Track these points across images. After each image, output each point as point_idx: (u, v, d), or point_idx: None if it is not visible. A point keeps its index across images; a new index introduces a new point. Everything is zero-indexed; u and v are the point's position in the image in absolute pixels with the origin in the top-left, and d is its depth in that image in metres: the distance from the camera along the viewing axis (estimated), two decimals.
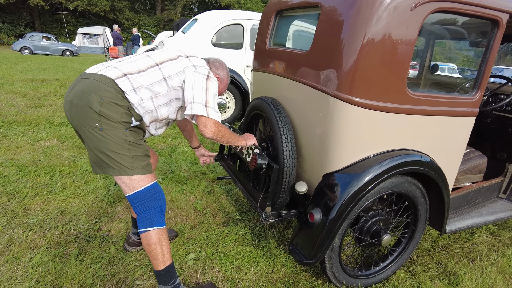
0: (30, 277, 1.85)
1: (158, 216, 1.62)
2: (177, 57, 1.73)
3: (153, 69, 1.63)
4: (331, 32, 1.66)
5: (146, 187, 1.59)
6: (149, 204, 1.60)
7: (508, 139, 2.68)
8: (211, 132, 1.61)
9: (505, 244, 2.53)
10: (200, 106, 1.60)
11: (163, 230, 1.64)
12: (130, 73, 1.57)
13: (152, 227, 1.60)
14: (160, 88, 1.63)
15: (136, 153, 1.57)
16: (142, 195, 1.59)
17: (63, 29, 30.09)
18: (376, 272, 1.99)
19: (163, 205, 1.66)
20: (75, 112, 1.51)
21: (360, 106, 1.59)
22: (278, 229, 2.48)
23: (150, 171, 1.63)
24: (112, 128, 1.50)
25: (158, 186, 1.65)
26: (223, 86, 1.98)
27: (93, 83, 1.50)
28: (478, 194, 2.45)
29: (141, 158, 1.59)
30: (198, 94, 1.62)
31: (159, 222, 1.62)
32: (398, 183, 1.78)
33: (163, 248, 1.62)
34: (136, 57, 1.68)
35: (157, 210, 1.62)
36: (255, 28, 5.16)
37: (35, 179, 2.98)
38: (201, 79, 1.67)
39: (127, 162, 1.54)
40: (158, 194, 1.64)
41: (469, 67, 6.76)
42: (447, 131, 1.87)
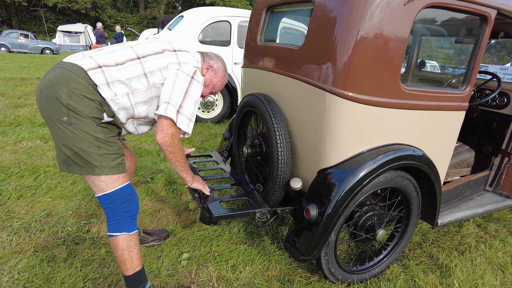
0: (16, 283, 1.77)
1: (127, 221, 1.52)
2: (162, 50, 1.57)
3: (133, 62, 1.49)
4: (325, 27, 1.65)
5: (116, 190, 1.48)
6: (119, 208, 1.50)
7: (493, 134, 2.75)
8: (163, 139, 1.49)
9: (492, 235, 2.60)
10: (173, 109, 1.48)
11: (132, 236, 1.54)
12: (105, 65, 1.44)
13: (119, 233, 1.51)
14: (138, 84, 1.50)
15: (107, 151, 1.45)
16: (112, 198, 1.48)
17: (42, 26, 29.20)
18: (371, 267, 2.00)
19: (134, 209, 1.55)
20: (43, 103, 1.40)
21: (355, 101, 1.59)
22: (272, 226, 2.47)
23: (122, 170, 1.51)
24: (81, 123, 1.39)
25: (130, 188, 1.54)
26: (219, 78, 1.82)
27: (64, 73, 1.39)
28: (466, 188, 2.50)
29: (111, 156, 1.47)
30: (175, 95, 1.50)
31: (128, 227, 1.53)
32: (391, 177, 1.79)
33: (132, 254, 1.53)
34: (117, 47, 1.54)
35: (127, 214, 1.52)
36: (242, 25, 5.12)
37: (18, 180, 2.87)
38: (183, 79, 1.54)
39: (95, 161, 1.42)
40: (129, 198, 1.53)
41: (454, 64, 6.94)
42: (439, 125, 1.89)
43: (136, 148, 3.96)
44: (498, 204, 2.48)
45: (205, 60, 1.76)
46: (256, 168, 2.25)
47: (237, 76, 5.22)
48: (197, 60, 1.68)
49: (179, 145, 1.56)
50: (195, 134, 4.66)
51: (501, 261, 2.27)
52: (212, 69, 1.78)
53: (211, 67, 1.77)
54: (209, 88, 1.83)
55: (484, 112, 2.76)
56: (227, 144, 2.69)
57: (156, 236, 2.17)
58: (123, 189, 1.51)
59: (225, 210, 1.78)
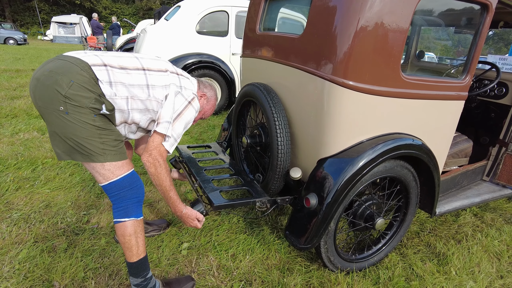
0: (17, 273, 1.78)
1: (135, 206, 1.53)
2: (166, 70, 1.65)
3: (138, 71, 1.54)
4: (325, 16, 1.64)
5: (122, 177, 1.49)
6: (126, 194, 1.51)
7: (491, 124, 2.76)
8: (150, 157, 1.56)
9: (488, 224, 2.63)
10: (166, 125, 1.57)
11: (140, 222, 1.55)
12: (110, 66, 1.46)
13: (128, 218, 1.52)
14: (140, 93, 1.54)
15: (107, 138, 1.46)
16: (118, 185, 1.49)
17: (36, 17, 28.79)
18: (370, 256, 2.02)
19: (141, 195, 1.57)
20: (40, 91, 1.37)
21: (355, 90, 1.59)
22: (271, 216, 2.48)
23: (125, 157, 1.52)
24: (79, 113, 1.37)
25: (135, 175, 1.55)
26: (210, 106, 1.95)
27: (65, 64, 1.38)
28: (464, 177, 2.52)
29: (112, 143, 1.47)
30: (169, 115, 1.59)
31: (136, 213, 1.54)
32: (391, 167, 1.80)
33: (138, 240, 1.54)
34: (123, 54, 1.57)
35: (134, 200, 1.53)
36: (240, 15, 5.07)
37: (16, 172, 2.86)
38: (181, 103, 1.65)
39: (98, 149, 1.42)
40: (136, 184, 1.54)
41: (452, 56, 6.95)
42: (438, 114, 1.90)
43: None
44: (495, 194, 2.51)
45: (200, 88, 1.87)
46: (256, 158, 2.25)
47: (235, 67, 5.19)
48: (193, 92, 1.76)
49: (165, 168, 1.61)
50: (193, 126, 4.65)
51: (497, 249, 2.30)
52: (205, 97, 1.89)
53: (204, 95, 1.88)
54: (200, 114, 1.94)
55: (483, 102, 2.77)
56: (226, 135, 2.68)
57: (156, 226, 2.18)
58: (128, 176, 1.51)
59: (225, 199, 1.79)
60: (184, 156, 2.31)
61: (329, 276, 1.92)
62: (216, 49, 5.04)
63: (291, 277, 1.89)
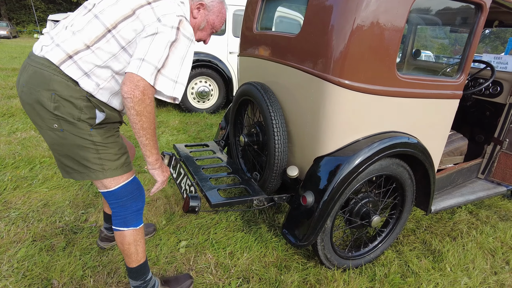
0: (16, 272, 1.79)
1: (134, 215, 1.47)
2: (132, 11, 1.25)
3: (104, 39, 1.23)
4: (321, 16, 1.65)
5: (121, 186, 1.40)
6: (125, 204, 1.44)
7: (486, 122, 2.79)
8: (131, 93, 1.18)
9: (483, 222, 2.66)
10: (150, 68, 1.19)
11: (139, 230, 1.51)
12: (75, 52, 1.22)
13: (127, 228, 1.47)
14: (119, 64, 1.27)
15: (107, 153, 1.34)
16: (117, 194, 1.41)
17: (32, 15, 28.62)
18: (366, 253, 2.04)
19: (141, 203, 1.50)
20: (28, 111, 1.27)
21: (351, 89, 1.61)
22: (268, 214, 2.50)
23: (127, 170, 1.42)
24: (74, 129, 1.26)
25: (135, 183, 1.47)
26: (215, 15, 1.52)
27: (37, 74, 1.22)
28: (459, 175, 2.54)
29: (113, 157, 1.36)
30: (154, 52, 1.20)
31: (135, 222, 1.48)
32: (387, 165, 1.82)
33: (138, 248, 1.51)
34: (81, 21, 1.27)
35: (133, 209, 1.46)
36: (237, 13, 5.07)
37: (14, 171, 2.86)
38: (166, 33, 1.23)
39: (96, 165, 1.33)
40: (136, 193, 1.46)
41: (449, 54, 6.99)
42: (433, 113, 1.92)
43: (131, 138, 3.95)
44: (490, 191, 2.54)
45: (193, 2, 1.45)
46: (253, 156, 2.27)
47: (233, 65, 5.19)
48: (182, 1, 1.37)
49: (150, 108, 1.25)
50: (191, 125, 4.65)
51: (491, 246, 2.33)
52: (203, 7, 1.47)
53: (202, 5, 1.46)
54: (208, 30, 1.56)
55: (478, 100, 2.80)
56: (223, 134, 2.70)
57: None
58: (127, 185, 1.43)
59: (222, 198, 1.80)
60: (181, 155, 2.32)
61: (326, 273, 1.94)
62: (213, 47, 5.04)
63: (288, 274, 1.91)
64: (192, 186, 1.86)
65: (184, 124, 4.64)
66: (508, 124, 2.51)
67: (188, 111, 5.18)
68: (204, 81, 5.16)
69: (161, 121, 4.74)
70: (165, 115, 5.05)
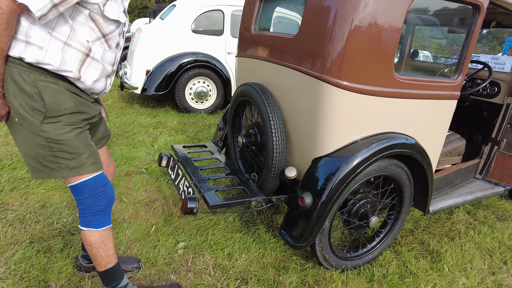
0: (13, 274, 1.78)
1: (95, 216, 1.39)
2: None
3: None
4: (319, 17, 1.65)
5: (82, 182, 1.33)
6: (85, 201, 1.37)
7: (484, 122, 2.80)
8: None
9: (481, 222, 2.66)
10: None
11: (102, 233, 1.42)
12: None
13: (86, 228, 1.40)
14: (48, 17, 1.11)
15: (62, 150, 1.24)
16: (77, 190, 1.34)
17: None
18: (364, 253, 2.05)
19: (104, 203, 1.40)
20: None
21: (349, 90, 1.61)
22: (267, 215, 2.50)
23: (88, 171, 1.33)
24: (27, 123, 1.18)
25: (99, 181, 1.38)
26: None
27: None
28: (457, 176, 2.55)
29: (69, 156, 1.26)
30: None
31: (96, 222, 1.40)
32: (385, 166, 1.82)
33: (100, 251, 1.43)
34: None
35: (95, 209, 1.38)
36: (235, 14, 5.07)
37: (11, 172, 2.85)
38: None
39: (52, 163, 1.25)
40: (98, 191, 1.37)
41: (447, 54, 7.02)
42: (431, 114, 1.92)
43: (129, 139, 3.94)
44: (487, 191, 2.55)
45: None
46: (251, 157, 2.27)
47: (231, 66, 5.19)
48: None
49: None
50: (189, 125, 4.65)
51: (489, 246, 2.34)
52: None
53: None
54: None
55: (475, 101, 2.80)
56: (221, 134, 2.69)
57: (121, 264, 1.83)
58: (89, 182, 1.34)
59: (221, 199, 1.80)
60: (179, 156, 2.32)
61: (324, 274, 1.94)
62: (211, 48, 5.04)
63: (286, 275, 1.91)
64: (190, 187, 1.86)
65: (182, 125, 4.63)
66: (506, 125, 2.52)
67: (186, 112, 5.18)
68: (202, 82, 5.15)
69: (159, 122, 4.73)
70: (163, 115, 5.04)
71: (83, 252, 1.79)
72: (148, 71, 4.87)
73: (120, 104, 5.56)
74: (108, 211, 1.44)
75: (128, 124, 4.50)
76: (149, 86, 4.83)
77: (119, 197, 2.60)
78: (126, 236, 2.13)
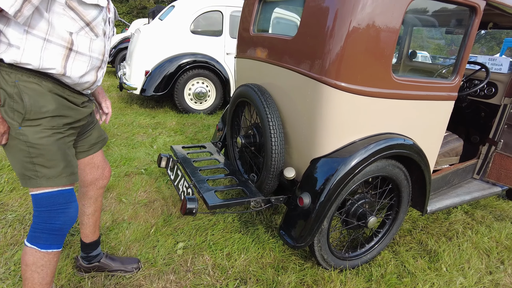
0: (13, 274, 1.78)
1: (45, 234, 1.24)
2: None
3: None
4: (317, 18, 1.66)
5: (42, 193, 1.21)
6: (40, 214, 1.23)
7: (481, 123, 2.82)
8: None
9: (478, 222, 2.68)
10: None
11: (45, 255, 1.25)
12: None
13: (30, 245, 1.25)
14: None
15: (40, 157, 1.16)
16: (37, 201, 1.22)
17: None
18: (362, 253, 2.06)
19: (60, 224, 1.24)
20: None
21: (347, 91, 1.62)
22: (266, 215, 2.51)
23: (65, 182, 1.23)
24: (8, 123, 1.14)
25: (63, 196, 1.24)
26: None
27: None
28: (455, 176, 2.56)
29: (48, 163, 1.18)
30: None
31: (44, 242, 1.24)
32: (382, 166, 1.83)
33: (35, 275, 1.25)
34: None
35: (47, 226, 1.23)
36: (234, 15, 5.08)
37: (11, 173, 2.85)
38: None
39: (30, 172, 1.17)
40: (57, 207, 1.23)
41: (445, 54, 7.05)
42: (429, 114, 1.94)
43: (128, 139, 3.95)
44: (485, 191, 2.56)
45: None
46: (250, 158, 2.28)
47: (230, 66, 5.20)
48: None
49: None
50: (188, 126, 4.66)
51: (486, 245, 2.35)
52: None
53: None
54: None
55: (473, 102, 2.82)
56: (220, 135, 2.71)
57: (121, 265, 1.84)
58: (53, 194, 1.22)
59: (220, 199, 1.81)
60: (179, 156, 2.32)
61: (323, 274, 1.95)
62: (210, 48, 5.05)
63: (285, 275, 1.92)
64: (189, 188, 1.87)
65: (181, 125, 4.64)
66: (503, 125, 2.53)
67: (185, 112, 5.18)
68: (201, 82, 5.16)
69: (158, 122, 4.74)
70: (162, 116, 5.05)
71: (82, 253, 1.79)
72: (147, 71, 4.88)
73: (119, 104, 5.56)
74: (61, 233, 1.28)
75: (127, 125, 4.51)
76: (148, 86, 4.84)
77: (118, 198, 2.61)
78: (125, 237, 2.14)
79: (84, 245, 1.76)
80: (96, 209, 1.71)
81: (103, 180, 1.66)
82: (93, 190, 1.65)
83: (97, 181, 1.64)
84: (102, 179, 1.65)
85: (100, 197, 1.71)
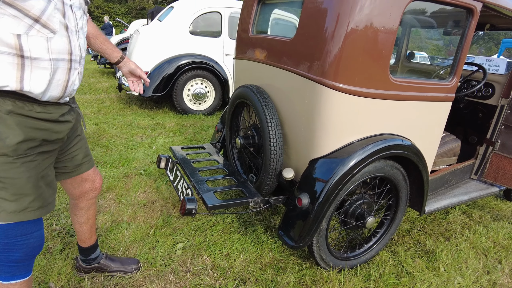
0: None
1: (5, 267, 1.12)
2: None
3: None
4: (316, 19, 1.68)
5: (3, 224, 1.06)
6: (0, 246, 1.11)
7: (479, 124, 2.83)
8: None
9: (476, 222, 2.70)
10: None
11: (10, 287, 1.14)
12: None
13: None
14: None
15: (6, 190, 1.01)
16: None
17: None
18: (361, 254, 2.07)
19: (19, 256, 1.11)
20: None
21: (345, 92, 1.63)
22: (264, 215, 2.52)
23: (34, 216, 1.09)
24: None
25: (26, 227, 1.09)
26: None
27: None
28: (453, 176, 2.58)
29: (14, 197, 1.03)
30: None
31: (5, 274, 1.12)
32: (381, 167, 1.84)
33: None
34: None
35: (6, 258, 1.10)
36: (233, 16, 5.10)
37: None
38: None
39: None
40: (16, 240, 1.08)
41: (444, 55, 7.07)
42: (426, 115, 1.95)
43: (128, 140, 3.95)
44: (483, 192, 2.58)
45: None
46: (249, 159, 2.29)
47: (229, 67, 5.22)
48: None
49: None
50: (187, 126, 4.66)
51: (484, 245, 2.37)
52: None
53: None
54: None
55: (470, 102, 2.84)
56: (219, 136, 2.72)
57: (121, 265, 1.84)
58: (10, 226, 1.06)
59: (219, 200, 1.82)
60: (178, 157, 2.33)
61: (322, 274, 1.96)
62: (209, 49, 5.06)
63: (284, 275, 1.93)
64: (188, 188, 1.88)
65: (180, 126, 4.65)
66: (500, 126, 2.55)
67: (184, 113, 5.19)
68: (200, 83, 5.18)
69: (157, 123, 4.74)
70: (161, 117, 5.06)
71: (81, 256, 1.78)
72: (146, 72, 4.88)
73: (118, 105, 5.57)
74: (23, 264, 1.15)
75: (126, 126, 4.51)
76: (147, 87, 4.85)
77: (117, 199, 2.62)
78: (125, 237, 2.15)
79: (82, 249, 1.75)
80: (89, 217, 1.66)
81: (93, 192, 1.56)
82: (83, 201, 1.58)
83: (87, 193, 1.55)
84: (93, 191, 1.56)
85: (93, 205, 1.65)
